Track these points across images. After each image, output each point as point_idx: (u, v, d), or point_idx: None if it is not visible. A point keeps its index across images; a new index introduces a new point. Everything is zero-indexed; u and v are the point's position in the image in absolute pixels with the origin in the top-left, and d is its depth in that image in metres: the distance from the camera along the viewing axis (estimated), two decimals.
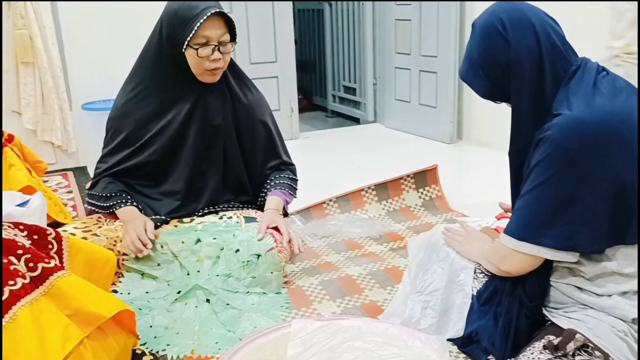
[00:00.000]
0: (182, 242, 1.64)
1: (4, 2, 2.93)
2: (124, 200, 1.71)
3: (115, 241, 1.66)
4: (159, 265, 1.61)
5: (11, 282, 1.11)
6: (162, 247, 1.62)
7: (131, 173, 1.78)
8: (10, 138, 2.30)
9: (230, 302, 1.55)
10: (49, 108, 3.10)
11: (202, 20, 1.59)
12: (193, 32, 1.60)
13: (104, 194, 1.72)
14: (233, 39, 1.69)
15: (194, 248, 1.64)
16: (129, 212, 1.68)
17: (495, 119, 3.32)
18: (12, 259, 1.15)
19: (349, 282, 1.71)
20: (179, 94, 1.76)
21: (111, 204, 1.71)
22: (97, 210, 1.76)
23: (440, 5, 3.50)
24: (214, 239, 1.64)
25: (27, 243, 1.21)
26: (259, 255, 1.63)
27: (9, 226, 1.23)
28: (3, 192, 1.96)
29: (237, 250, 1.62)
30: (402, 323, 1.42)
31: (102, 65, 3.18)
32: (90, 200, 1.77)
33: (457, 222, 1.49)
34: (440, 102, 3.64)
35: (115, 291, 1.54)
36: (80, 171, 3.20)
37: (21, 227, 1.25)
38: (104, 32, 3.17)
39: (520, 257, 1.17)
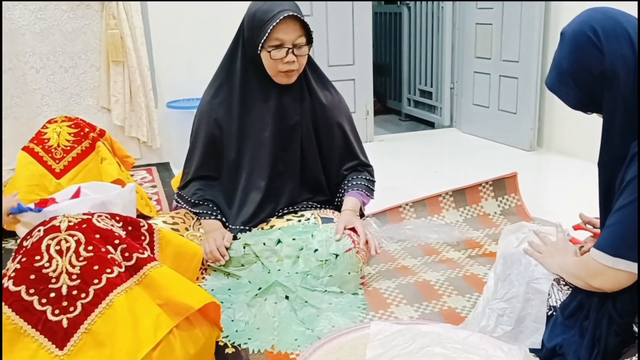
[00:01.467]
0: (264, 244, 1.67)
1: (98, 3, 3.10)
2: (209, 212, 1.79)
3: (200, 237, 1.73)
4: (242, 265, 1.66)
5: (108, 270, 1.18)
6: (244, 248, 1.66)
7: (215, 172, 1.84)
8: (102, 133, 2.43)
9: (309, 300, 1.57)
10: (136, 105, 3.25)
11: (274, 23, 1.63)
12: (267, 34, 1.64)
13: (192, 200, 1.80)
14: (309, 41, 1.71)
15: (274, 249, 1.68)
16: (211, 225, 1.77)
17: (578, 127, 3.18)
18: (110, 248, 1.21)
19: (426, 287, 1.69)
20: (257, 95, 1.80)
21: (198, 211, 1.80)
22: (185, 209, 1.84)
23: (524, 9, 3.39)
24: (294, 239, 1.67)
25: (123, 234, 1.27)
26: (337, 255, 1.64)
27: (106, 217, 1.29)
28: (95, 182, 2.07)
29: (316, 250, 1.64)
30: (478, 332, 1.38)
31: (188, 65, 3.31)
32: (179, 200, 1.85)
33: (538, 232, 1.45)
34: (521, 108, 3.53)
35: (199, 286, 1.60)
36: (163, 167, 3.33)
37: (117, 218, 1.32)
38: (190, 33, 3.29)
39: (613, 273, 1.12)
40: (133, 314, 1.15)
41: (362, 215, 1.92)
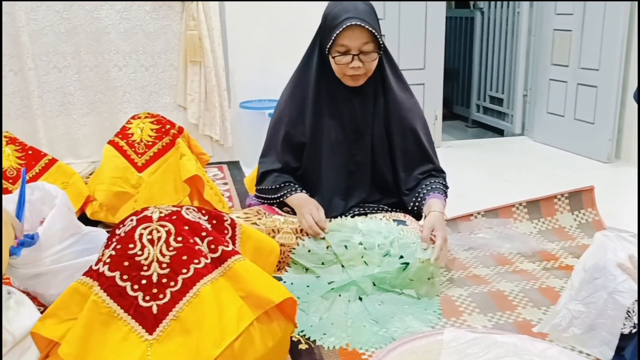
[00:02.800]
0: (345, 247, 1.68)
1: (179, 4, 3.22)
2: (293, 189, 1.84)
3: (273, 231, 1.77)
4: (323, 264, 1.68)
5: (196, 261, 1.23)
6: (327, 248, 1.68)
7: (290, 168, 1.88)
8: (181, 130, 2.52)
9: (384, 301, 1.57)
10: (210, 104, 3.35)
11: (338, 31, 1.65)
12: (332, 40, 1.66)
13: (273, 187, 1.85)
14: (378, 47, 1.71)
15: (357, 252, 1.68)
16: (300, 198, 1.81)
17: None
18: (197, 239, 1.26)
19: (500, 297, 1.66)
20: (330, 95, 1.82)
21: (282, 193, 1.84)
22: (267, 202, 1.88)
23: (607, 16, 3.27)
24: (378, 245, 1.66)
25: (209, 227, 1.32)
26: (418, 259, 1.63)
27: (194, 209, 1.35)
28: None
29: (401, 257, 1.63)
30: (548, 330, 1.42)
31: (261, 66, 3.38)
32: (260, 195, 1.90)
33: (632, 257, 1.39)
34: (599, 118, 3.40)
35: (279, 278, 1.63)
36: (234, 165, 3.42)
37: (203, 211, 1.37)
38: (265, 36, 3.36)
39: None
40: (218, 304, 1.20)
41: None
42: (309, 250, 1.70)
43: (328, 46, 1.70)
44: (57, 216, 1.49)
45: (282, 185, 1.85)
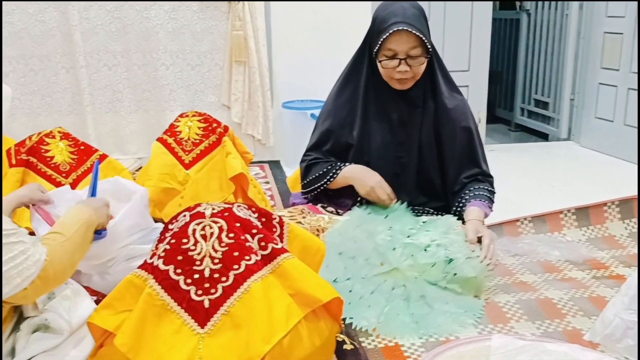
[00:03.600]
0: (394, 249, 1.66)
1: (225, 4, 3.27)
2: (340, 165, 1.84)
3: (317, 230, 1.77)
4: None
5: (247, 258, 1.24)
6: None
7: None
8: (226, 129, 2.55)
9: (426, 295, 1.56)
10: (253, 104, 3.39)
11: (385, 35, 1.64)
12: (378, 45, 1.66)
13: (319, 173, 1.86)
14: (427, 51, 1.69)
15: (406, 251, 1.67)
16: (352, 169, 1.82)
17: None
18: (248, 236, 1.28)
19: (548, 305, 1.63)
20: (379, 97, 1.82)
21: (331, 174, 1.84)
22: (318, 189, 1.89)
23: None
24: (429, 246, 1.65)
25: (259, 224, 1.33)
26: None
27: (245, 207, 1.37)
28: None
29: (451, 260, 1.62)
30: (601, 340, 1.38)
31: (304, 67, 3.40)
32: (307, 189, 1.91)
33: None
34: None
35: None
36: (275, 164, 3.45)
37: (253, 209, 1.39)
38: (309, 36, 3.38)
39: None
40: (267, 300, 1.21)
41: None
42: (340, 233, 1.70)
43: (375, 50, 1.70)
44: (130, 212, 1.53)
45: (327, 168, 1.86)
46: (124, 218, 1.51)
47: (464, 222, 1.82)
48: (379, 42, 1.67)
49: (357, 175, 1.81)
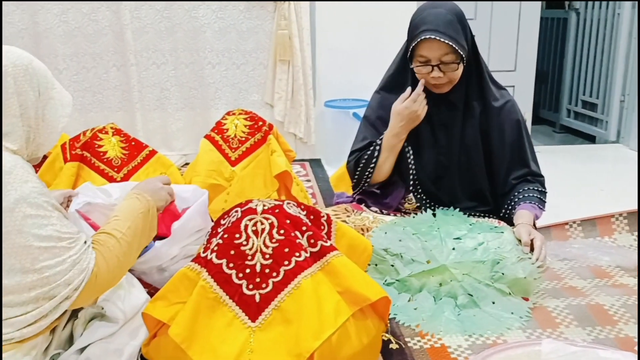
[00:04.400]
0: (453, 249, 1.64)
1: (271, 4, 3.30)
2: (379, 139, 1.83)
3: (362, 229, 1.78)
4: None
5: (297, 254, 1.26)
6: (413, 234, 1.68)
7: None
8: (271, 127, 2.58)
9: (473, 294, 1.55)
10: (296, 103, 3.42)
11: (415, 43, 1.64)
12: (409, 51, 1.66)
13: (363, 160, 1.85)
14: (460, 57, 1.67)
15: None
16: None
17: None
18: (298, 233, 1.30)
19: (599, 311, 1.59)
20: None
21: (372, 149, 1.84)
22: (368, 177, 1.88)
23: None
24: (481, 244, 1.64)
25: (309, 222, 1.35)
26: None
27: (294, 204, 1.38)
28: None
29: (499, 261, 1.60)
30: None
31: (347, 67, 3.41)
32: (358, 182, 1.90)
33: None
34: None
35: None
36: (315, 163, 3.47)
37: (302, 206, 1.41)
38: (353, 36, 3.38)
39: None
40: (317, 297, 1.23)
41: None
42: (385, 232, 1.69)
43: (408, 56, 1.70)
44: (194, 213, 1.57)
45: (371, 149, 1.84)
46: (189, 219, 1.55)
47: (513, 226, 1.80)
48: (410, 49, 1.67)
49: (390, 126, 1.80)
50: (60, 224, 1.10)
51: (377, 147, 1.84)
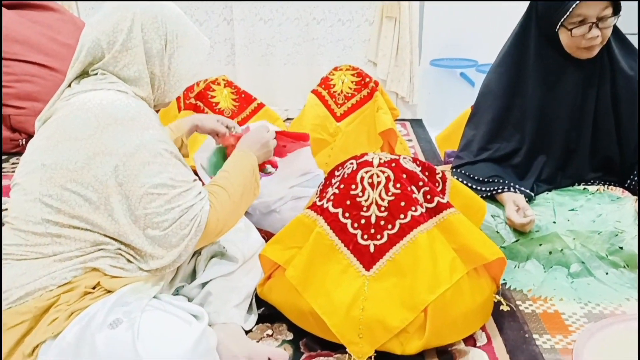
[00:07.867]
0: (554, 222, 1.60)
1: None
2: (502, 185, 1.68)
3: None
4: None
5: (413, 209, 1.26)
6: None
7: (501, 143, 1.78)
8: (377, 84, 2.56)
9: (586, 262, 1.49)
10: (400, 61, 3.35)
11: (576, 3, 1.50)
12: (568, 12, 1.52)
13: (480, 178, 1.73)
14: (616, 11, 1.54)
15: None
16: (508, 197, 1.65)
17: None
18: (414, 188, 1.29)
19: None
20: (553, 72, 1.69)
21: (491, 188, 1.69)
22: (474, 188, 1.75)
23: None
24: (599, 215, 1.57)
25: (425, 178, 1.34)
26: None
27: (410, 159, 1.37)
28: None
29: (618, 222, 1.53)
30: None
31: (457, 25, 3.27)
32: (466, 182, 1.81)
33: None
34: None
35: None
36: (416, 123, 3.40)
37: (417, 162, 1.39)
38: None
39: None
40: (432, 252, 1.22)
41: None
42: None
43: (562, 20, 1.57)
44: (300, 155, 1.60)
45: (491, 179, 1.71)
46: (295, 157, 1.57)
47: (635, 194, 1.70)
48: (569, 10, 1.55)
49: (505, 200, 1.66)
50: (175, 171, 1.11)
51: (493, 191, 1.69)
